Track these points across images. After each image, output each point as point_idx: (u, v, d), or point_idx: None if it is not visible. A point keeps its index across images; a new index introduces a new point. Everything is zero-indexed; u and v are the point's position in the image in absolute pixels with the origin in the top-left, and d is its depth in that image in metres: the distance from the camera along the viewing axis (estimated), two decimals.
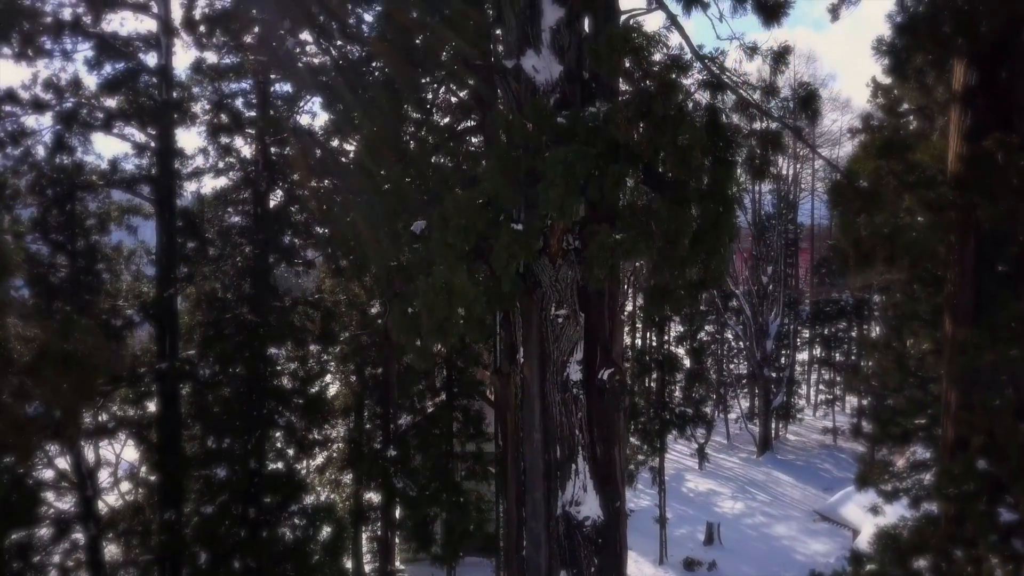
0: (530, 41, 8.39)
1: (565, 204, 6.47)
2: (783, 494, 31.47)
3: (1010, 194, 6.18)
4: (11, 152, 14.30)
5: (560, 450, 8.24)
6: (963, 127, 7.24)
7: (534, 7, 8.35)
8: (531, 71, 8.29)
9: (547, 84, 8.30)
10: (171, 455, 13.65)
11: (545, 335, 8.23)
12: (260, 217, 14.41)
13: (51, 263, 14.86)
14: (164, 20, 14.58)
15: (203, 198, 14.68)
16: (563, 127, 7.50)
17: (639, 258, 6.59)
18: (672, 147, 5.75)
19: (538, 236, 7.38)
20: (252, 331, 13.91)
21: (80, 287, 14.20)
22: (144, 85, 14.17)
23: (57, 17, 13.75)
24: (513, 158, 7.47)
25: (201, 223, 14.30)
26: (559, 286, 8.11)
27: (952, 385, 6.94)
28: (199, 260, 14.17)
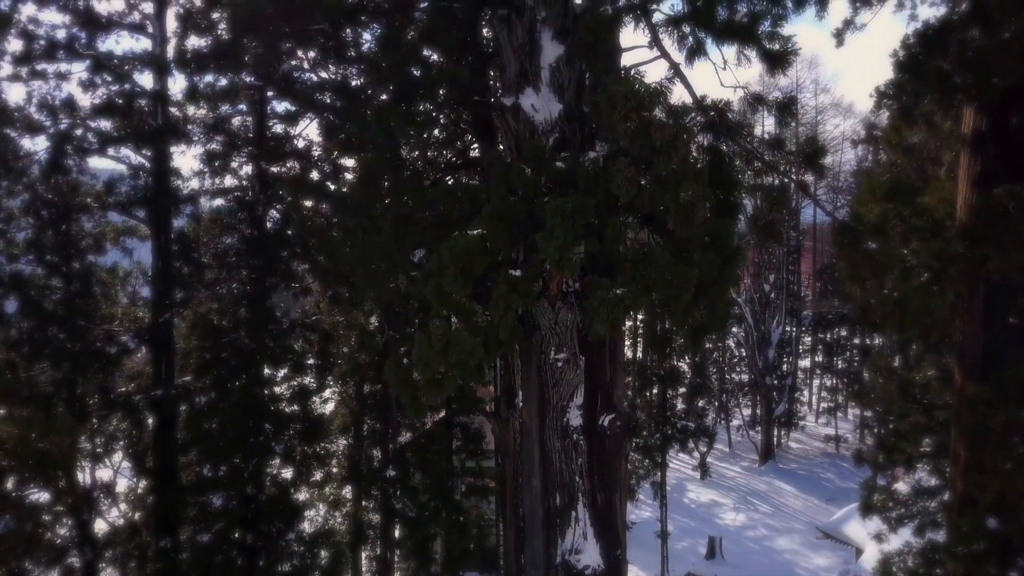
0: (529, 78, 8.23)
1: (564, 257, 6.30)
2: (785, 504, 31.31)
3: (1022, 248, 6.00)
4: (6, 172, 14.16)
5: (560, 497, 8.08)
6: (973, 173, 7.06)
7: (533, 44, 8.18)
8: (530, 110, 8.12)
9: (546, 123, 8.15)
10: (167, 481, 13.51)
11: (544, 379, 8.06)
12: (257, 240, 14.24)
13: (46, 285, 14.73)
14: (160, 40, 14.42)
15: (200, 218, 14.51)
16: (562, 172, 7.33)
17: (640, 312, 6.41)
18: (675, 204, 5.57)
19: (536, 280, 7.22)
20: (249, 356, 13.75)
21: (74, 311, 14.04)
22: (140, 105, 14.01)
23: (51, 38, 13.60)
24: (511, 203, 7.31)
25: (197, 246, 14.13)
26: (559, 329, 7.95)
27: (962, 441, 6.78)
28: (195, 284, 14.01)
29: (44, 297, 14.60)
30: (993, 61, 5.63)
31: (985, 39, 5.80)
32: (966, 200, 7.17)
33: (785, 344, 37.85)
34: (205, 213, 14.54)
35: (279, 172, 14.36)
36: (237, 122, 14.75)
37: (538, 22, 8.19)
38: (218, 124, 13.17)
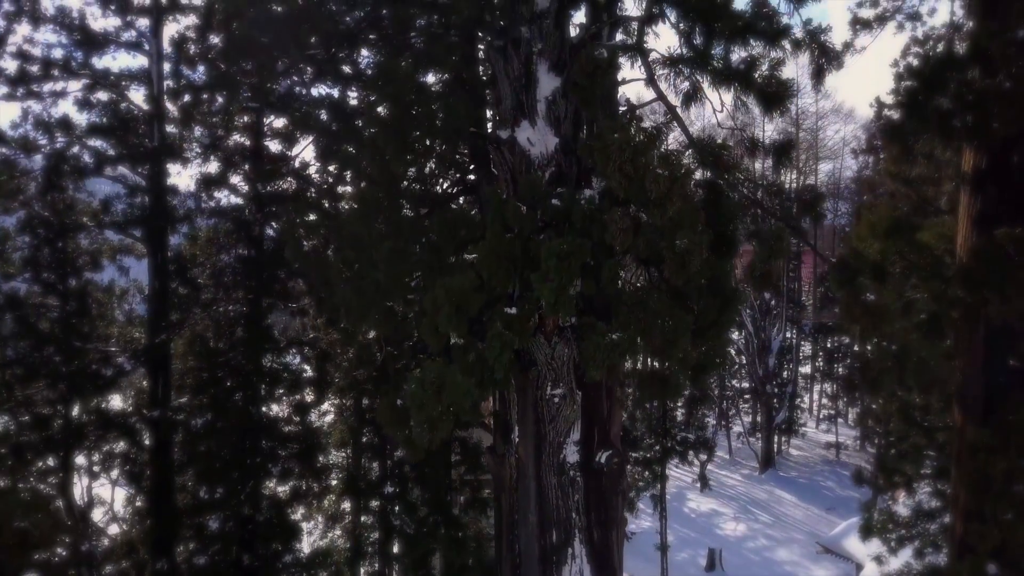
0: (525, 111, 8.16)
1: (559, 300, 6.24)
2: (785, 514, 31.20)
3: (1022, 293, 5.93)
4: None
5: (556, 534, 8.00)
6: (973, 211, 6.99)
7: (529, 76, 8.11)
8: (526, 144, 8.06)
9: (542, 157, 8.08)
10: (164, 503, 13.44)
11: (541, 415, 7.99)
12: (254, 259, 14.18)
13: (42, 303, 14.67)
14: (156, 57, 14.36)
15: (197, 237, 14.45)
16: (558, 210, 7.27)
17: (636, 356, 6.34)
18: (670, 251, 5.50)
19: (532, 318, 7.15)
20: (246, 376, 13.69)
21: (71, 331, 13.98)
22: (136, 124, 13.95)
23: (47, 58, 13.54)
24: (507, 240, 7.24)
25: (194, 266, 14.07)
26: (555, 364, 7.87)
27: (961, 486, 6.71)
28: (192, 305, 13.95)
29: (40, 315, 14.57)
30: (993, 108, 5.57)
31: (985, 83, 5.73)
32: (966, 238, 7.10)
33: (785, 351, 37.75)
34: (202, 232, 14.47)
35: (277, 190, 14.29)
36: (235, 137, 14.68)
37: (534, 54, 8.13)
38: (215, 143, 13.10)
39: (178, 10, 14.18)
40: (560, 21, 8.01)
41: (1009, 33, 6.09)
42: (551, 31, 8.04)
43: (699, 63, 5.80)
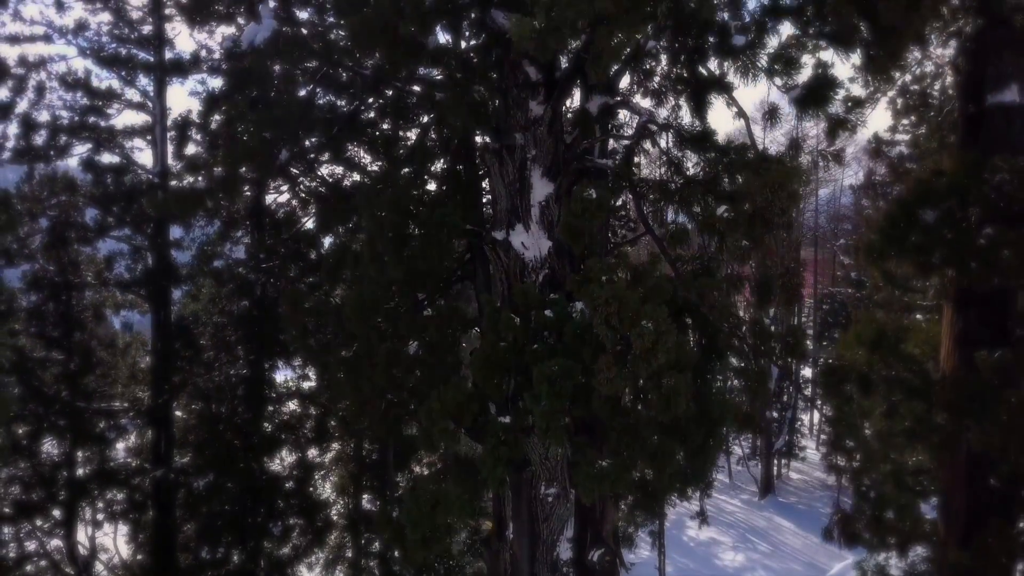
0: (519, 215, 8.35)
1: (551, 427, 6.41)
2: (784, 543, 31.30)
3: (1002, 428, 6.10)
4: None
5: None
6: (955, 330, 7.16)
7: (523, 181, 8.30)
8: (520, 248, 8.25)
9: (536, 260, 8.28)
10: (166, 562, 13.62)
11: (535, 513, 8.17)
12: (256, 318, 14.37)
13: (46, 358, 14.88)
14: (160, 117, 14.59)
15: (198, 296, 14.66)
16: (551, 322, 7.45)
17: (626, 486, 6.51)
18: (656, 392, 5.68)
19: (526, 432, 7.33)
20: (247, 435, 13.88)
21: (75, 389, 14.18)
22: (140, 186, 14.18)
23: (54, 123, 13.78)
24: (501, 349, 7.43)
25: (196, 326, 14.27)
26: (548, 464, 8.05)
27: None
28: (194, 364, 14.13)
29: (45, 369, 14.78)
30: (968, 262, 5.74)
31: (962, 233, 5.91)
32: (949, 354, 7.27)
33: (785, 376, 37.82)
34: (204, 291, 14.68)
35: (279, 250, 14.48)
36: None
37: (528, 160, 8.33)
38: (217, 208, 13.34)
39: (180, 72, 14.43)
40: (554, 129, 8.20)
41: (987, 171, 6.27)
42: (544, 138, 8.22)
43: (685, 204, 5.99)
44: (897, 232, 6.56)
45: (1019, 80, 6.82)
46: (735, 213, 5.32)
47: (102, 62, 13.95)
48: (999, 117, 6.86)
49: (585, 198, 6.04)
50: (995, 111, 6.89)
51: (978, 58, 7.03)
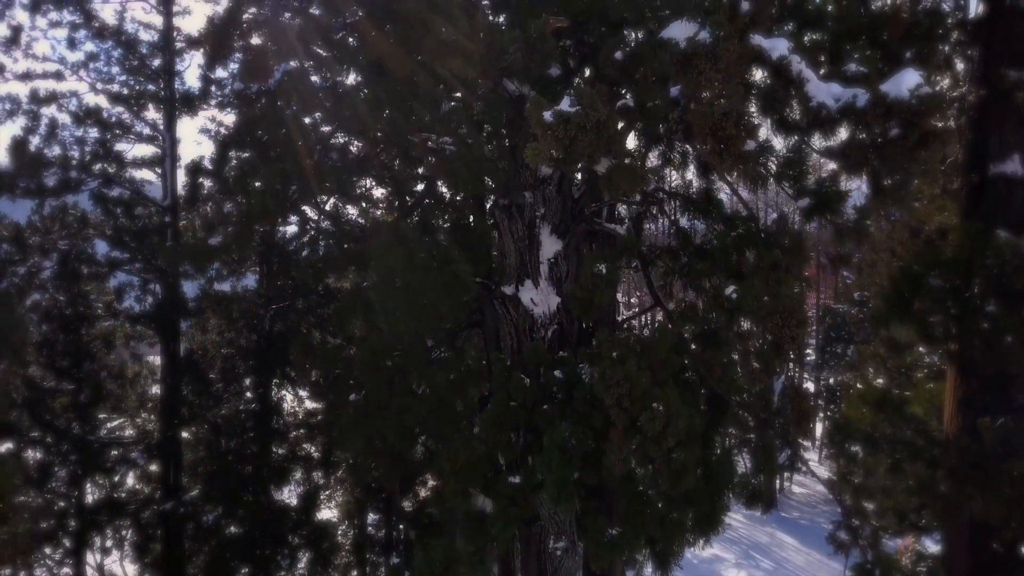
0: (528, 271, 8.49)
1: (562, 493, 6.53)
2: (787, 560, 31.36)
3: (1005, 500, 6.21)
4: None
5: None
6: (959, 393, 7.27)
7: (532, 238, 8.44)
8: (529, 304, 8.38)
9: (545, 317, 8.42)
10: None
11: (544, 567, 8.30)
12: (264, 349, 14.51)
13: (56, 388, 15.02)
14: (170, 151, 14.75)
15: (208, 329, 14.80)
16: (561, 383, 7.57)
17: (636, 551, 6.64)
18: (666, 467, 5.80)
19: (536, 492, 7.45)
20: (255, 467, 14.01)
21: (85, 422, 14.32)
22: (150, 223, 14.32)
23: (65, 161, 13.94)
24: (511, 409, 7.55)
25: (204, 359, 14.41)
26: (557, 519, 8.18)
27: None
28: (203, 396, 14.27)
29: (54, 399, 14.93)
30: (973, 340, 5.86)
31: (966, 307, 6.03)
32: (952, 416, 7.38)
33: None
34: (212, 325, 14.81)
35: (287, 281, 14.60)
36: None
37: (537, 217, 8.46)
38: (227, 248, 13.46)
39: (191, 108, 14.59)
40: (562, 187, 8.34)
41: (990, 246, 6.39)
42: (553, 196, 8.37)
43: (694, 278, 6.11)
44: (901, 301, 6.67)
45: (1021, 151, 6.94)
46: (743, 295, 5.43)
47: (114, 99, 14.10)
48: (1002, 187, 6.98)
49: (595, 273, 6.16)
50: (998, 181, 7.00)
51: (981, 127, 7.15)
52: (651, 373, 5.75)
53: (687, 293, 6.38)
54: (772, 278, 4.63)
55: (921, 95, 3.63)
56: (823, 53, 4.50)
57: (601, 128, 3.58)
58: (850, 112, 3.78)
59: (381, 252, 8.62)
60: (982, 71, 7.13)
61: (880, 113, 3.66)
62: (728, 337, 6.08)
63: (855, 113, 3.76)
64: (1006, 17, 6.87)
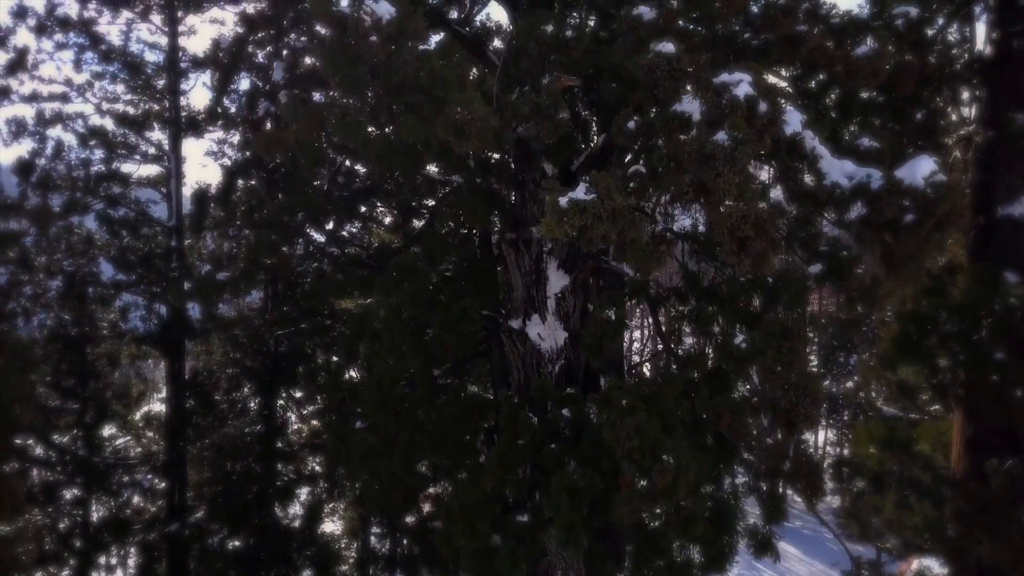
0: (535, 305, 8.50)
1: (570, 538, 6.54)
2: (789, 570, 31.31)
3: (1014, 547, 6.22)
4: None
5: None
6: (966, 434, 7.28)
7: (539, 273, 8.45)
8: (536, 339, 8.39)
9: (552, 351, 8.42)
10: None
11: None
12: (268, 368, 14.52)
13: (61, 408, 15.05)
14: (175, 171, 14.78)
15: (212, 352, 14.82)
16: (568, 421, 7.59)
17: None
18: (675, 515, 5.81)
19: (544, 529, 7.46)
20: (261, 487, 14.03)
21: (90, 442, 14.34)
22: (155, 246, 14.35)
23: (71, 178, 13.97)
24: (519, 447, 7.57)
25: (209, 380, 14.43)
26: (564, 554, 8.20)
27: None
28: (208, 416, 14.29)
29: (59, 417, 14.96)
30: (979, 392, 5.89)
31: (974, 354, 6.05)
32: (959, 456, 7.38)
33: None
34: (216, 347, 14.83)
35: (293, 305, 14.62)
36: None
37: (544, 252, 8.48)
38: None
39: (196, 129, 14.63)
40: None
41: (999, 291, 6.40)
42: None
43: (703, 324, 6.12)
44: (909, 344, 6.68)
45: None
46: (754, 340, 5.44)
47: (120, 120, 14.14)
48: (1009, 229, 6.99)
49: (603, 319, 6.17)
50: (1005, 223, 7.02)
51: (988, 169, 7.17)
52: (660, 420, 5.76)
53: (696, 338, 6.39)
54: (785, 347, 4.64)
55: (936, 183, 3.65)
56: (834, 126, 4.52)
57: (617, 216, 3.60)
58: (864, 193, 3.80)
59: (387, 286, 8.65)
60: (989, 113, 7.15)
61: (894, 201, 3.68)
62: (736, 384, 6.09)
63: (869, 195, 3.78)
64: (1014, 61, 6.89)
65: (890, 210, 3.65)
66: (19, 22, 13.11)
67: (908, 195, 3.66)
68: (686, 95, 3.85)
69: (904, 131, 4.82)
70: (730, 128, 3.44)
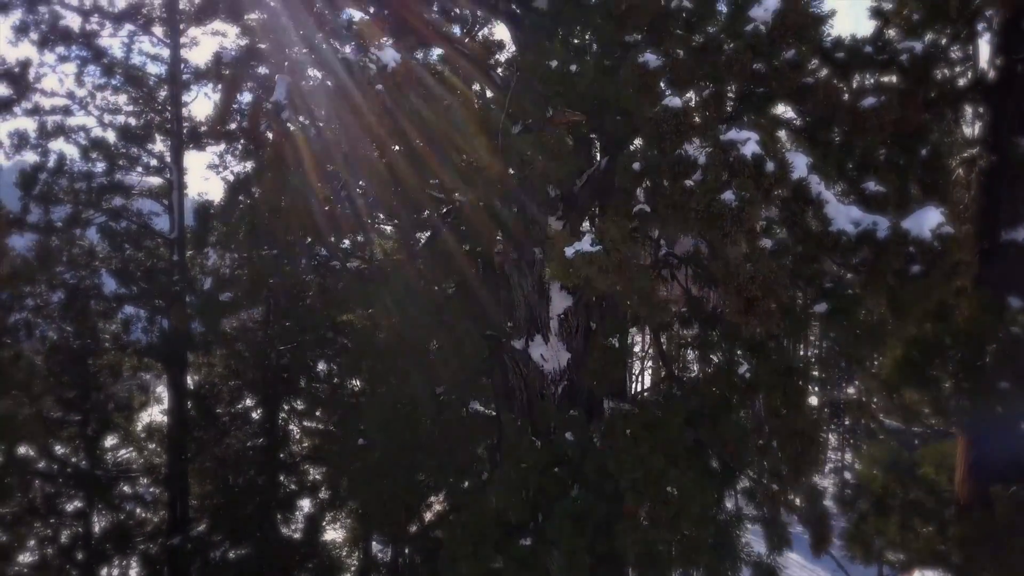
0: (538, 326, 8.49)
1: (574, 563, 6.53)
2: None
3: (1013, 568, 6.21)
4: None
5: None
6: (969, 459, 7.26)
7: (542, 294, 8.45)
8: (539, 360, 8.38)
9: (555, 373, 8.41)
10: None
11: None
12: (270, 380, 14.52)
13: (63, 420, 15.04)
14: (177, 184, 14.78)
15: (214, 364, 14.82)
16: (572, 445, 7.57)
17: None
18: (680, 546, 5.81)
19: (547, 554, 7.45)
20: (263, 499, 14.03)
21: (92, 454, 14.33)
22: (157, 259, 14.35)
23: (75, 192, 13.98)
24: (522, 471, 7.56)
25: (212, 392, 14.43)
26: None
27: None
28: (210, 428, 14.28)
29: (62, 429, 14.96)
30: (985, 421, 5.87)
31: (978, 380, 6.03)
32: (963, 480, 7.37)
33: None
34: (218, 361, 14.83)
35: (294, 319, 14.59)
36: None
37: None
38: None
39: (198, 143, 14.64)
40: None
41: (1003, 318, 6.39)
42: None
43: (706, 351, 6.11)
44: (913, 369, 6.67)
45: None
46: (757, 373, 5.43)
47: (122, 132, 14.15)
48: (1013, 254, 6.98)
49: (607, 346, 6.16)
50: (1009, 248, 7.00)
51: (992, 194, 7.15)
52: (664, 448, 5.75)
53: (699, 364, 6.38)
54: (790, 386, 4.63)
55: (943, 235, 3.64)
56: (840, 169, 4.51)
57: (624, 267, 3.60)
58: (870, 240, 3.78)
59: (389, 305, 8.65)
60: (993, 137, 7.14)
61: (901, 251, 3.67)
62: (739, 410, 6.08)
63: (875, 243, 3.76)
64: (1018, 86, 6.87)
65: (896, 261, 3.64)
66: (22, 36, 13.11)
67: (915, 246, 3.65)
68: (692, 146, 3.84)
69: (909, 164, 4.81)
70: (737, 187, 3.43)
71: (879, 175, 4.42)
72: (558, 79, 4.68)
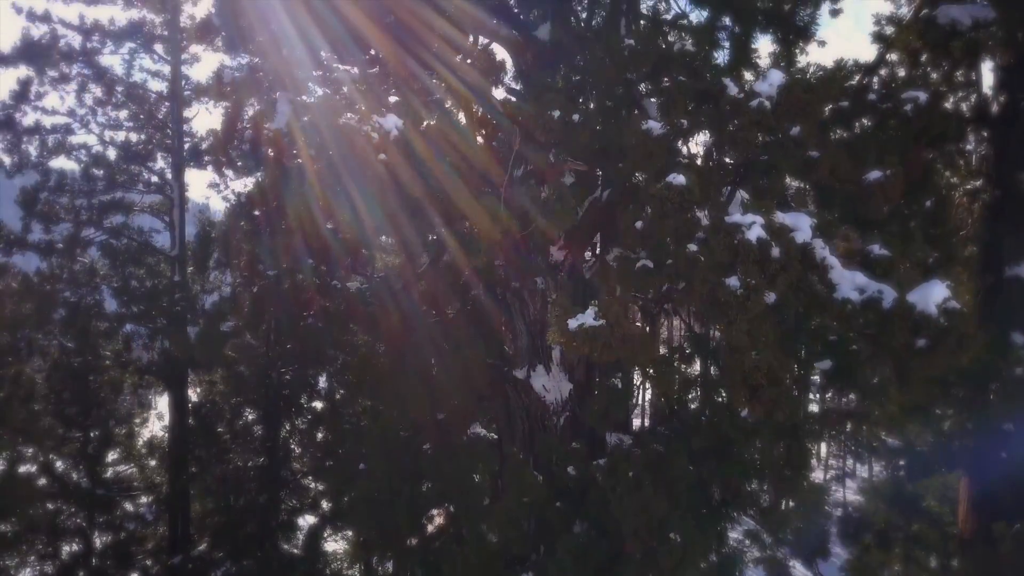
0: (540, 355, 8.47)
1: None
2: None
3: None
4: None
5: None
6: (972, 494, 7.24)
7: (544, 323, 8.42)
8: (541, 391, 8.36)
9: (557, 403, 8.39)
10: None
11: None
12: (273, 400, 14.49)
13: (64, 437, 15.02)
14: (179, 202, 14.77)
15: (215, 383, 14.80)
16: (574, 479, 7.55)
17: None
18: None
19: None
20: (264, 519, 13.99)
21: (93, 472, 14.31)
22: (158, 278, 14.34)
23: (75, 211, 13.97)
24: (524, 504, 7.53)
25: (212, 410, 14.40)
26: None
27: None
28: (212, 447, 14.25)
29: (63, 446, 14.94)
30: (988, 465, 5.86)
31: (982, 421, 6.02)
32: (966, 515, 7.34)
33: None
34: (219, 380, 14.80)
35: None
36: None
37: (549, 302, 8.43)
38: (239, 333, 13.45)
39: (199, 161, 14.63)
40: (574, 274, 8.32)
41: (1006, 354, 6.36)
42: (565, 282, 8.35)
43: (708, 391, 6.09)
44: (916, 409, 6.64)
45: None
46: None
47: (122, 150, 14.14)
48: (1017, 289, 6.96)
49: (610, 387, 6.14)
50: (1013, 283, 6.98)
51: (995, 228, 7.13)
52: (667, 488, 5.72)
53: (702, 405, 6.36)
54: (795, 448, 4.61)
55: (949, 310, 3.61)
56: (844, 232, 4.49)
57: (629, 341, 3.58)
58: (875, 309, 3.75)
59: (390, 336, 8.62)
60: (996, 172, 7.12)
61: (906, 324, 3.64)
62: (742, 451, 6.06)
63: (880, 313, 3.73)
64: (1021, 121, 6.85)
65: (902, 334, 3.62)
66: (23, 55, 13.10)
67: (920, 321, 3.62)
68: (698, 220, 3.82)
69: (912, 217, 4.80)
70: (742, 273, 3.40)
71: (884, 238, 4.40)
72: (560, 128, 4.66)
